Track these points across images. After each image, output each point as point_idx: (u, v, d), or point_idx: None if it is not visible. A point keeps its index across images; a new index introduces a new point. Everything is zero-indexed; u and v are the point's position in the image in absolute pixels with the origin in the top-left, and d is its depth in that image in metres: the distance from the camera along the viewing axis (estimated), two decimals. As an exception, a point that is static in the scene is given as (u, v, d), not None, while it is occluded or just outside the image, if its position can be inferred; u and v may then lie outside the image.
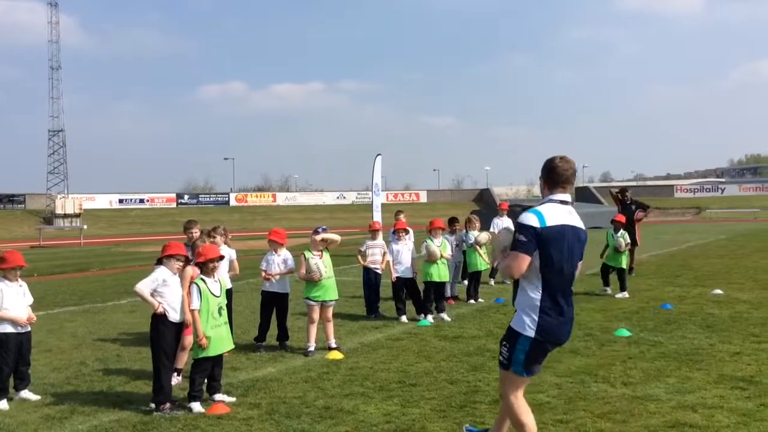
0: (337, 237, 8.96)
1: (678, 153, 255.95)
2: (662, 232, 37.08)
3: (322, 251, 8.76)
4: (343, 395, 6.66)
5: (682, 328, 9.57)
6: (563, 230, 4.32)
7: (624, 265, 13.58)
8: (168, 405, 6.28)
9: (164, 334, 6.43)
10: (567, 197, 4.46)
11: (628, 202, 16.88)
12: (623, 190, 17.59)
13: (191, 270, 7.06)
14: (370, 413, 6.07)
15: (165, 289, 6.49)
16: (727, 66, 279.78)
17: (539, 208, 4.37)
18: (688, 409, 5.90)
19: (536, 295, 4.35)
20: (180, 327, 6.61)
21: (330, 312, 8.80)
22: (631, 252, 16.56)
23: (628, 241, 13.78)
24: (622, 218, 14.20)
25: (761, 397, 6.20)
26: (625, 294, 13.04)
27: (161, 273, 6.54)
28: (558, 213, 4.35)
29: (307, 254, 8.71)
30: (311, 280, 8.60)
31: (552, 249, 4.27)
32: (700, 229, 40.89)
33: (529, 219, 4.29)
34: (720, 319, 10.19)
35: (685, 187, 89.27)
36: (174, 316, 6.50)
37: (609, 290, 13.44)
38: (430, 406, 6.21)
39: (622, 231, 13.75)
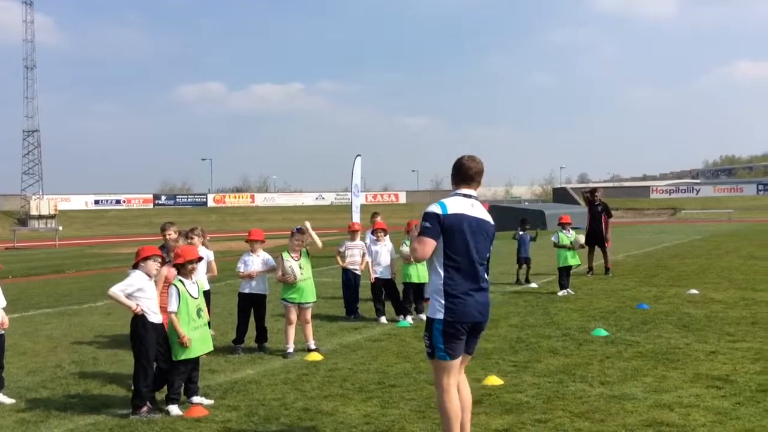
0: (318, 242, 8.92)
1: (654, 154, 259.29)
2: (638, 233, 37.49)
3: (300, 252, 8.73)
4: (323, 397, 6.64)
5: (658, 327, 9.67)
6: (462, 218, 4.70)
7: (576, 262, 13.82)
8: (144, 408, 6.21)
9: (145, 337, 6.32)
10: (471, 192, 4.86)
11: (596, 204, 17.04)
12: (593, 190, 17.78)
13: (166, 270, 7.00)
14: (350, 414, 6.05)
15: (140, 294, 6.38)
16: (701, 68, 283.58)
17: (443, 200, 4.79)
18: (665, 408, 5.96)
19: (440, 279, 4.69)
20: (161, 326, 6.52)
21: (308, 314, 8.77)
22: (604, 252, 16.72)
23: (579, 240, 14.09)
24: (568, 218, 14.40)
25: (737, 395, 6.28)
26: (570, 291, 13.45)
27: (136, 279, 6.41)
28: (460, 204, 4.76)
29: (285, 255, 8.68)
30: (286, 282, 8.58)
31: (453, 235, 4.66)
32: (676, 229, 41.39)
33: (433, 208, 4.75)
34: (696, 318, 10.30)
35: (660, 188, 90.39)
36: (155, 318, 6.43)
37: (563, 293, 13.39)
38: (409, 407, 6.22)
39: (572, 231, 13.97)
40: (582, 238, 13.88)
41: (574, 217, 22.67)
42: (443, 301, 4.65)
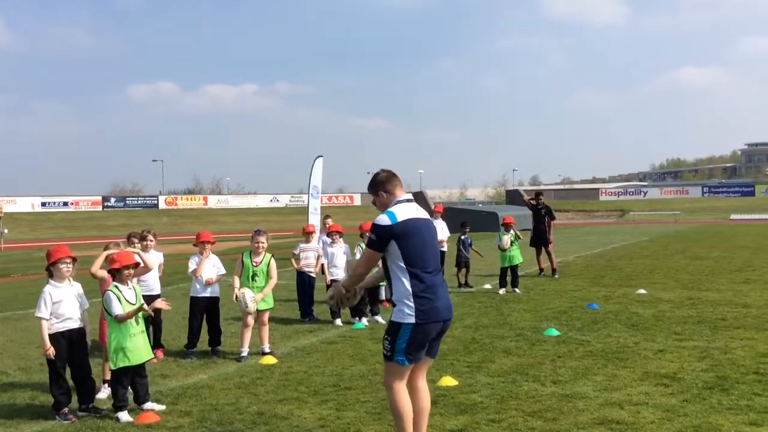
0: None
1: (603, 157, 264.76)
2: (588, 234, 38.16)
3: (262, 255, 8.64)
4: (277, 400, 6.59)
5: (608, 327, 9.85)
6: (415, 223, 4.77)
7: (517, 262, 14.05)
8: (64, 410, 6.20)
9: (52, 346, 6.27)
10: (409, 196, 4.95)
11: (540, 207, 17.28)
12: (537, 193, 18.02)
13: (107, 276, 6.90)
14: (305, 418, 6.02)
15: (55, 307, 6.29)
16: (648, 74, 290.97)
17: (391, 209, 4.81)
18: (615, 406, 6.08)
19: (407, 283, 4.68)
20: (79, 332, 6.42)
21: (266, 317, 8.70)
22: (548, 253, 16.97)
23: (520, 237, 14.37)
24: (511, 219, 14.73)
25: (684, 393, 6.44)
26: (518, 290, 13.77)
27: (48, 291, 6.30)
28: (407, 209, 4.81)
29: (246, 259, 8.58)
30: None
31: (409, 240, 4.70)
32: (624, 230, 42.23)
33: (382, 219, 4.73)
34: (644, 318, 10.53)
35: (609, 191, 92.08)
36: (62, 326, 6.31)
37: (503, 291, 13.79)
38: (365, 409, 6.21)
39: (512, 231, 14.25)
40: (507, 240, 14.14)
41: (526, 218, 22.97)
42: (413, 304, 4.62)
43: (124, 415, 6.13)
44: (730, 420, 5.63)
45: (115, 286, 6.42)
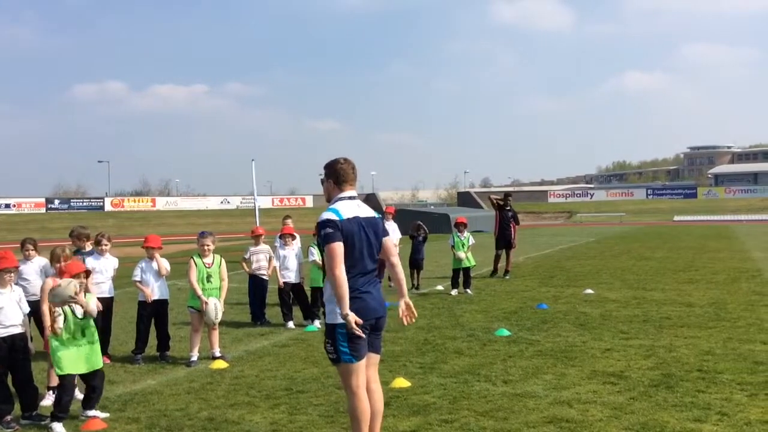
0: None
1: (551, 160, 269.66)
2: (537, 235, 38.72)
3: (213, 256, 8.52)
4: (228, 405, 6.50)
5: (557, 326, 10.01)
6: (356, 221, 4.76)
7: (470, 264, 14.15)
8: (6, 418, 6.03)
9: None
10: (353, 193, 4.93)
11: (507, 208, 17.46)
12: (507, 194, 18.17)
13: (51, 282, 6.68)
14: (256, 422, 5.96)
15: None
16: (595, 78, 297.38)
17: (334, 206, 4.82)
18: (565, 405, 6.18)
19: None
20: (21, 337, 6.23)
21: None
22: (507, 255, 17.17)
23: (472, 242, 14.42)
24: (464, 219, 14.86)
25: (631, 391, 6.58)
26: (469, 291, 13.88)
27: None
28: (350, 208, 4.81)
29: (196, 259, 8.45)
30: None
31: (351, 239, 4.69)
32: (572, 232, 43.00)
33: (328, 215, 4.72)
34: (591, 317, 10.73)
35: (557, 193, 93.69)
36: (4, 332, 6.12)
37: (455, 292, 13.88)
38: (318, 412, 6.17)
39: (466, 233, 14.35)
40: (469, 241, 14.25)
41: (477, 220, 23.20)
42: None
43: (58, 427, 5.92)
44: (675, 417, 5.78)
45: None
